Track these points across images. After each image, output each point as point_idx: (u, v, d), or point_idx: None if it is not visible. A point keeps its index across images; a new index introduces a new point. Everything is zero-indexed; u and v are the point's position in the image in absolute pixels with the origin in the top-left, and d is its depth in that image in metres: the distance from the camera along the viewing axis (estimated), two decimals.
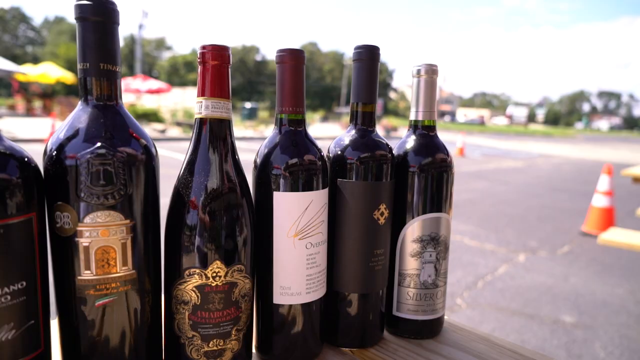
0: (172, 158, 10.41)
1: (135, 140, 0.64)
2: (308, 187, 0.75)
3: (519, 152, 20.94)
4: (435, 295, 0.90)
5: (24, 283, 0.58)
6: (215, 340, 0.69)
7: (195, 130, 0.71)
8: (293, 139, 0.77)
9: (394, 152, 0.87)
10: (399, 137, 1.03)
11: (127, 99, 22.96)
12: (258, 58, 69.07)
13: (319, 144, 0.80)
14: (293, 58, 0.76)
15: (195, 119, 0.71)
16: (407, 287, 0.89)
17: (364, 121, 0.85)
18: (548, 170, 13.87)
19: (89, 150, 0.59)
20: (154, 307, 0.69)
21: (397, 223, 0.88)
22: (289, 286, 0.76)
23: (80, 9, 0.61)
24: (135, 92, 20.94)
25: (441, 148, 0.90)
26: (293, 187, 0.74)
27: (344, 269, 0.83)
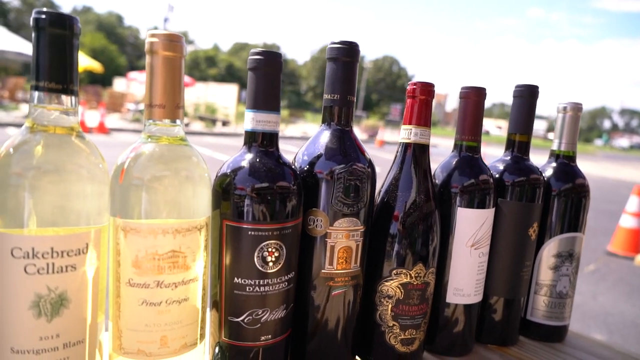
0: None
1: (364, 158, 0.77)
2: (484, 205, 0.88)
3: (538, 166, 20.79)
4: (566, 304, 1.02)
5: (293, 273, 0.71)
6: (410, 330, 0.82)
7: (400, 152, 0.84)
8: (470, 162, 0.90)
9: None
10: None
11: None
12: None
13: None
14: (477, 95, 0.89)
15: (401, 142, 0.84)
16: (543, 295, 1.02)
17: (520, 149, 0.98)
18: None
19: (343, 167, 0.73)
20: (361, 299, 0.83)
21: (539, 238, 1.01)
22: (461, 288, 0.89)
23: (336, 51, 0.75)
24: None
25: (580, 175, 1.02)
26: (472, 205, 0.87)
27: (498, 276, 0.95)
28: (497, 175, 0.96)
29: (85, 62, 19.99)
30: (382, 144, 19.10)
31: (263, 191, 0.66)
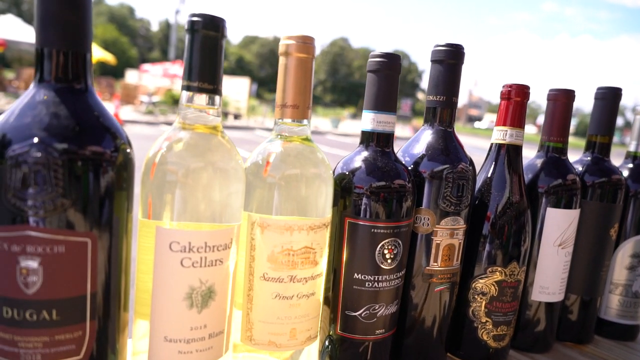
0: None
1: (467, 158, 0.79)
2: (572, 205, 0.90)
3: None
4: None
5: (404, 270, 0.74)
6: (502, 327, 0.84)
7: (493, 152, 0.86)
8: (557, 163, 0.91)
9: None
10: None
11: (162, 84, 23.35)
12: None
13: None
14: (566, 97, 0.90)
15: (495, 143, 0.86)
16: (618, 294, 1.03)
17: (600, 150, 0.99)
18: None
19: (450, 167, 0.75)
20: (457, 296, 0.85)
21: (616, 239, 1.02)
22: (547, 286, 0.91)
23: (442, 54, 0.76)
24: (172, 77, 21.32)
25: None
26: (559, 205, 0.89)
27: (578, 275, 0.97)
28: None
29: (98, 53, 20.10)
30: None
31: (386, 190, 0.68)
